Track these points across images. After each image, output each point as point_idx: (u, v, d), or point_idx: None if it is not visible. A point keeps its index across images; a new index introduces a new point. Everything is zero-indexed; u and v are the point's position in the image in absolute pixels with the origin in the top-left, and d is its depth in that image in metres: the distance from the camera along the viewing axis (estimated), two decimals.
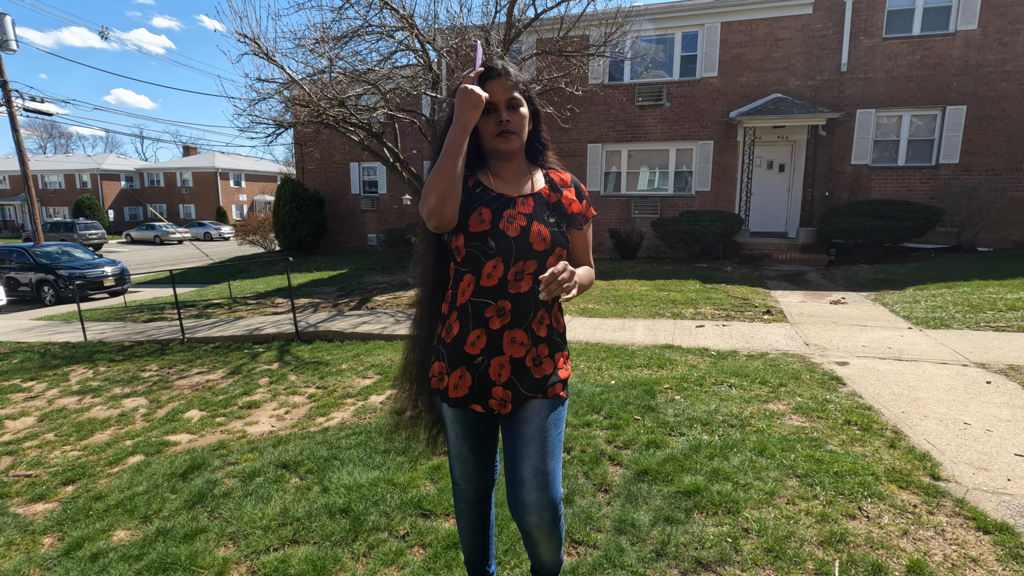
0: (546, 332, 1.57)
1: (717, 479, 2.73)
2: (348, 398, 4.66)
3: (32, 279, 13.91)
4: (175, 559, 2.40)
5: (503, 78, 1.49)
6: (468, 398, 1.54)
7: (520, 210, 1.52)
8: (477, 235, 1.48)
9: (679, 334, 5.98)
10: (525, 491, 1.48)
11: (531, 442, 1.51)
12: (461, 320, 1.52)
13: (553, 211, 1.56)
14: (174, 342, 7.96)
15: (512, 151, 1.54)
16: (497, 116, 1.49)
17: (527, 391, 1.54)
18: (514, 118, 1.50)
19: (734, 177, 13.18)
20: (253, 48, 8.39)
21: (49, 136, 67.40)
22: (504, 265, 1.47)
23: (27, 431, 4.72)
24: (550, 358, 1.57)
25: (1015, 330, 5.53)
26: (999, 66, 11.23)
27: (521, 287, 1.49)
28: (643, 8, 13.04)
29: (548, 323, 1.57)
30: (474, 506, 1.74)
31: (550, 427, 1.54)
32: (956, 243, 11.53)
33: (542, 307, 1.54)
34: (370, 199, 17.82)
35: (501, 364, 1.51)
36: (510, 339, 1.51)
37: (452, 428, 1.63)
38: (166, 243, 34.94)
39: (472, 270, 1.50)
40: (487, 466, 1.70)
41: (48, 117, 25.86)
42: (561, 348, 1.62)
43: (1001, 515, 2.41)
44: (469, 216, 1.49)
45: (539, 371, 1.55)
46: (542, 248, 1.49)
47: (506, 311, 1.49)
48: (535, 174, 1.61)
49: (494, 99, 1.48)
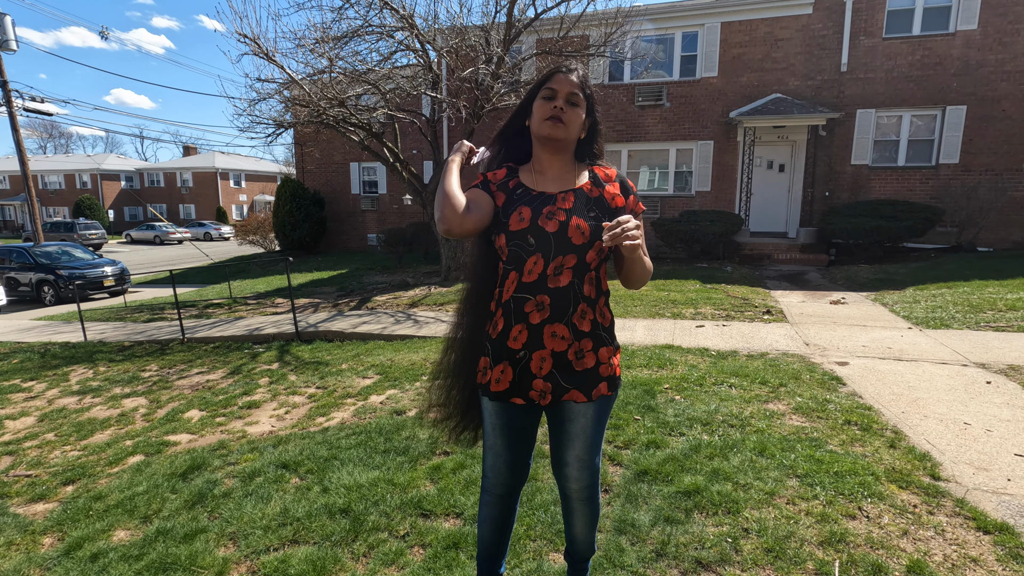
0: (589, 327, 1.57)
1: (717, 479, 2.73)
2: (348, 398, 4.66)
3: (32, 279, 13.91)
4: (175, 559, 2.40)
5: (571, 74, 1.56)
6: (509, 392, 1.59)
7: (560, 206, 1.55)
8: (517, 233, 1.53)
9: (679, 334, 5.98)
10: (567, 470, 1.67)
11: (576, 438, 1.62)
12: (505, 316, 1.58)
13: (595, 205, 1.57)
14: (174, 342, 7.96)
15: (555, 138, 1.55)
16: (554, 102, 1.54)
17: (567, 383, 1.57)
18: (568, 111, 1.54)
19: (734, 177, 13.18)
20: (253, 48, 8.40)
21: (49, 136, 67.45)
22: (544, 260, 1.51)
23: (27, 431, 4.72)
24: (593, 352, 1.58)
25: (1015, 330, 5.53)
26: (999, 66, 11.23)
27: (560, 281, 1.52)
28: (643, 8, 13.04)
29: (592, 317, 1.57)
30: (499, 501, 1.74)
31: (593, 427, 1.61)
32: (956, 243, 11.53)
33: (583, 301, 1.55)
34: (370, 199, 17.82)
35: (543, 358, 1.55)
36: (550, 333, 1.53)
37: (489, 421, 1.66)
38: (166, 243, 34.94)
39: (516, 267, 1.55)
40: (518, 464, 1.70)
41: (48, 117, 25.87)
42: (607, 343, 1.61)
43: (1001, 515, 2.41)
44: (510, 216, 1.55)
45: (580, 364, 1.57)
46: (581, 242, 1.51)
47: (545, 305, 1.52)
48: (581, 171, 1.64)
49: (556, 87, 1.54)
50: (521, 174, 1.63)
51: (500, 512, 1.76)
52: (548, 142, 1.57)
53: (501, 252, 1.58)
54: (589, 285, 1.55)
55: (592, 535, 1.80)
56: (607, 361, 1.60)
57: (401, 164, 10.43)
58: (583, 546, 1.83)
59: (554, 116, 1.54)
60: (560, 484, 1.72)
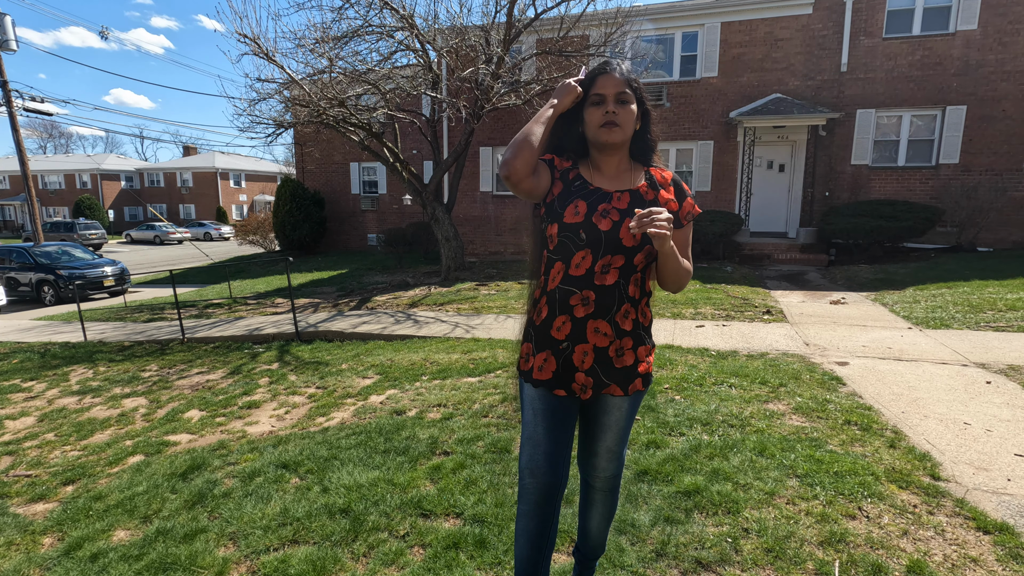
0: (631, 326, 1.58)
1: (717, 479, 2.73)
2: (348, 398, 4.66)
3: (32, 279, 13.91)
4: (175, 559, 2.40)
5: (614, 73, 1.55)
6: (552, 382, 1.60)
7: (615, 205, 1.55)
8: (570, 226, 1.53)
9: (679, 334, 5.98)
10: (596, 460, 1.73)
11: (608, 429, 1.68)
12: (549, 305, 1.59)
13: None
14: (174, 342, 7.96)
15: (614, 143, 1.56)
16: (604, 107, 1.54)
17: (607, 379, 1.59)
18: (621, 112, 1.54)
19: (734, 177, 13.18)
20: (253, 48, 8.40)
21: (49, 136, 67.44)
22: (592, 257, 1.53)
23: (27, 431, 4.72)
24: (632, 351, 1.60)
25: (1015, 330, 5.53)
26: (999, 66, 11.23)
27: (607, 280, 1.53)
28: (643, 8, 13.04)
29: (634, 317, 1.58)
30: (536, 511, 1.61)
31: (626, 419, 1.68)
32: (956, 243, 11.53)
33: (627, 301, 1.56)
34: (370, 199, 17.81)
35: (585, 352, 1.56)
36: (593, 328, 1.55)
37: (531, 407, 1.64)
38: (166, 243, 34.93)
39: (563, 259, 1.56)
40: (557, 457, 1.60)
41: (48, 117, 25.88)
42: (645, 341, 1.63)
43: (1001, 515, 2.41)
44: (566, 207, 1.55)
45: (620, 362, 1.59)
46: (631, 244, 1.52)
47: (590, 301, 1.53)
48: (637, 172, 1.63)
49: (604, 91, 1.54)
50: (581, 167, 1.63)
51: (537, 525, 1.62)
52: (606, 147, 1.57)
53: (550, 240, 1.59)
54: (634, 286, 1.57)
55: (606, 531, 1.84)
56: (645, 359, 1.63)
57: (401, 164, 10.43)
58: (596, 541, 1.86)
59: (608, 122, 1.53)
60: (585, 475, 1.77)
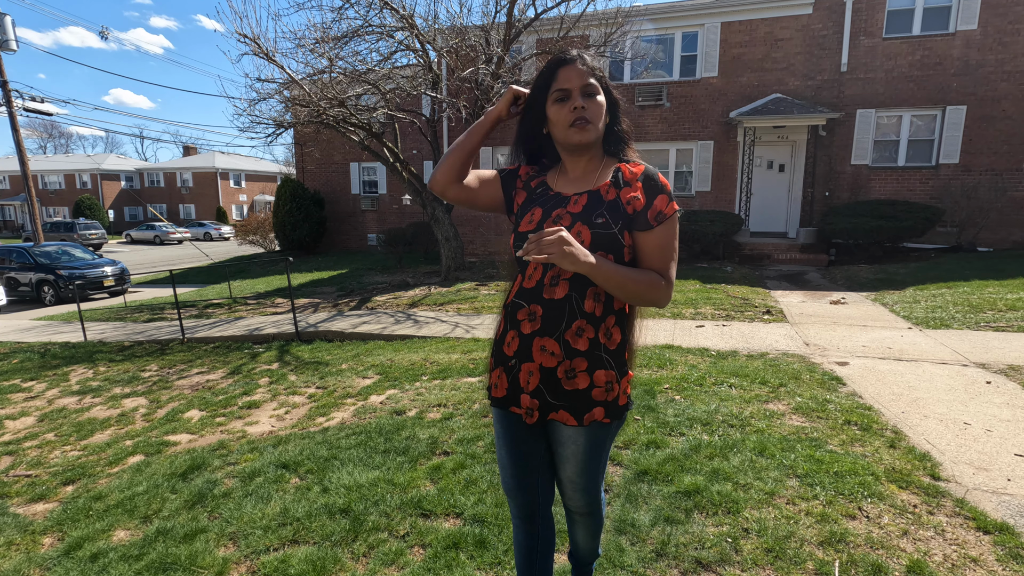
0: (587, 346, 1.39)
1: (717, 479, 2.73)
2: (348, 398, 4.66)
3: (32, 279, 13.91)
4: (175, 559, 2.40)
5: (576, 63, 1.38)
6: (507, 399, 1.50)
7: (570, 209, 1.41)
8: (523, 235, 1.43)
9: (679, 334, 5.98)
10: (562, 488, 1.62)
11: (567, 461, 1.53)
12: (504, 319, 1.50)
13: (608, 210, 1.37)
14: (174, 342, 7.96)
15: (587, 143, 1.40)
16: (571, 104, 1.37)
17: (555, 401, 1.44)
18: (590, 105, 1.37)
19: (734, 177, 13.18)
20: (253, 48, 8.40)
21: (49, 136, 67.46)
22: (543, 267, 1.41)
23: (27, 431, 4.72)
24: (587, 374, 1.40)
25: (1015, 330, 5.53)
26: (999, 66, 11.23)
27: (556, 293, 1.38)
28: (643, 8, 13.05)
29: (592, 337, 1.39)
30: (521, 525, 1.62)
31: (585, 454, 1.50)
32: (956, 243, 11.53)
33: (582, 317, 1.38)
34: (370, 199, 17.82)
35: (530, 371, 1.42)
36: (539, 347, 1.40)
37: (495, 429, 1.58)
38: (166, 243, 34.93)
39: (521, 270, 1.47)
40: (526, 479, 1.55)
41: (48, 117, 25.88)
42: (607, 366, 1.41)
43: (1001, 515, 2.41)
44: (523, 216, 1.47)
45: (571, 384, 1.41)
46: None
47: (536, 316, 1.40)
48: (606, 169, 1.45)
49: (568, 86, 1.37)
50: (549, 173, 1.53)
51: (524, 538, 1.63)
52: (578, 148, 1.42)
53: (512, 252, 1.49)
54: (593, 301, 1.38)
55: (594, 543, 1.77)
56: (603, 384, 1.41)
57: (401, 164, 10.44)
58: (585, 552, 1.80)
59: (579, 119, 1.37)
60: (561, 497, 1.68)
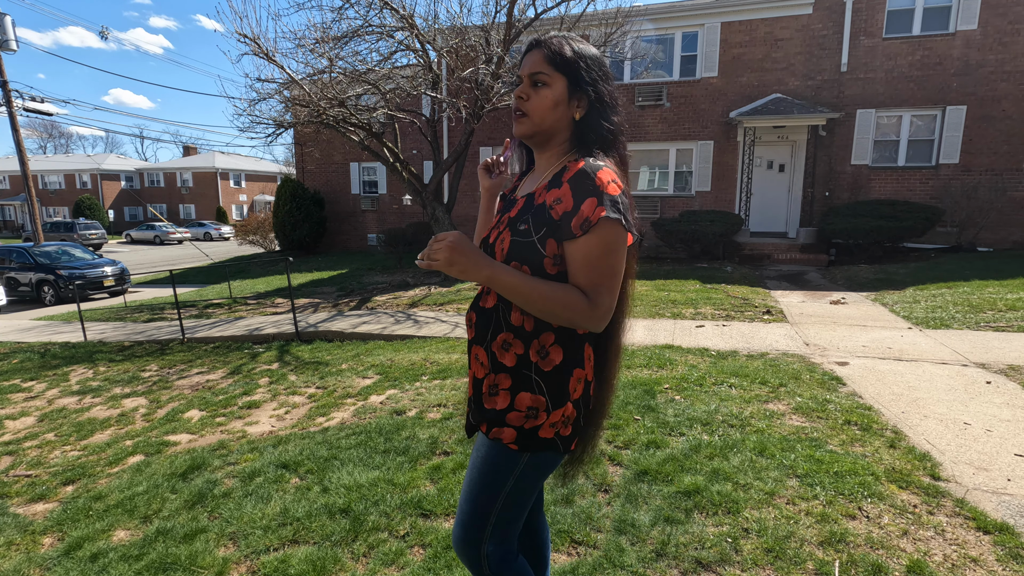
0: (513, 361, 1.26)
1: (717, 479, 2.73)
2: (348, 398, 4.66)
3: (32, 279, 13.91)
4: (175, 559, 2.40)
5: (536, 49, 1.27)
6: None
7: (510, 213, 1.32)
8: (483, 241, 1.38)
9: (679, 334, 5.98)
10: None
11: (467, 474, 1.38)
12: None
13: (534, 216, 1.24)
14: (174, 342, 7.96)
15: (524, 135, 1.30)
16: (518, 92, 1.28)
17: (473, 419, 1.37)
18: (531, 96, 1.26)
19: (734, 177, 13.18)
20: (253, 48, 8.40)
21: (49, 136, 67.47)
22: None
23: (27, 431, 4.72)
24: (509, 393, 1.27)
25: (1015, 330, 5.53)
26: (999, 66, 11.23)
27: (487, 302, 1.32)
28: (643, 8, 13.05)
29: (520, 353, 1.25)
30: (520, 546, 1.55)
31: (476, 468, 1.34)
32: (956, 243, 11.53)
33: (508, 331, 1.26)
34: (370, 199, 17.82)
35: (468, 380, 1.38)
36: (474, 355, 1.35)
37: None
38: (166, 243, 34.93)
39: None
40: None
41: (48, 117, 25.88)
42: (535, 390, 1.25)
43: (1001, 515, 2.41)
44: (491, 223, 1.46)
45: (491, 401, 1.30)
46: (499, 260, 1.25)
47: (472, 323, 1.36)
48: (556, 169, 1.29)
49: (521, 72, 1.28)
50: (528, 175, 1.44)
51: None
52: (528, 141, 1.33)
53: None
54: (520, 314, 1.25)
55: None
56: (524, 410, 1.26)
57: (401, 164, 10.44)
58: None
59: (516, 109, 1.28)
60: None
